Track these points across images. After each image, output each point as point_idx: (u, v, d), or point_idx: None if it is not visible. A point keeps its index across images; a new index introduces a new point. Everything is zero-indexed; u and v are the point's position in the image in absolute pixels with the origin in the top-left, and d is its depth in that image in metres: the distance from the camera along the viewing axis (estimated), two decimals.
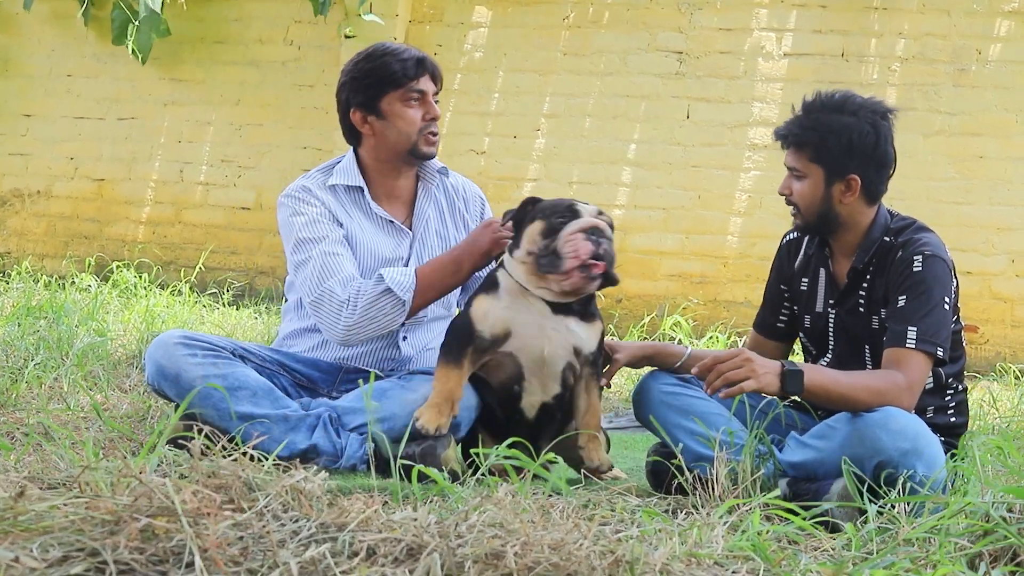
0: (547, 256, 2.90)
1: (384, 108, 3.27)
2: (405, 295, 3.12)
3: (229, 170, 7.93)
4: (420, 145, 3.28)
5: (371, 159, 3.35)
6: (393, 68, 3.25)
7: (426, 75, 3.27)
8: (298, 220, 3.26)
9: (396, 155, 3.30)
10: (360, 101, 3.30)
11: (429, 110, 3.27)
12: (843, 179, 3.03)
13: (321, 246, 3.20)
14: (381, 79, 3.26)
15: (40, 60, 8.27)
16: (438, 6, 7.59)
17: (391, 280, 3.11)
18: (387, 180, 3.36)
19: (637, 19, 7.29)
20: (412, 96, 3.25)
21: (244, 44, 7.89)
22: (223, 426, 3.04)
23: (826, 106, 3.04)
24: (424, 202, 3.38)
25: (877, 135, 3.04)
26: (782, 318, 3.28)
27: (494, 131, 7.52)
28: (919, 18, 6.91)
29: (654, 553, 1.97)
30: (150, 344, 3.20)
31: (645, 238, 7.22)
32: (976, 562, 2.18)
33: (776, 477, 2.90)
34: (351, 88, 3.32)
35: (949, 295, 2.96)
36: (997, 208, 6.79)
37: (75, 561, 1.75)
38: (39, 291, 6.37)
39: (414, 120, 3.26)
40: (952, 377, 3.06)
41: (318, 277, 3.17)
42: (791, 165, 3.07)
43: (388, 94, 3.26)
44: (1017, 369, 6.24)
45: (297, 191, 3.31)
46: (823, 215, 3.05)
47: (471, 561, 1.85)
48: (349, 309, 3.12)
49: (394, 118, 3.27)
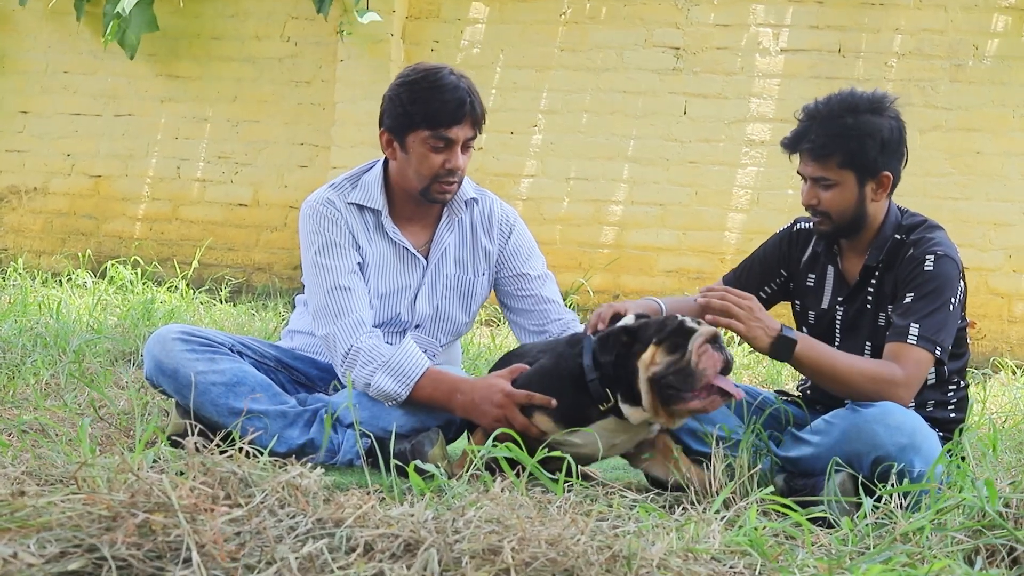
0: (677, 375, 2.69)
1: (409, 143, 3.13)
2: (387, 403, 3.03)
3: (226, 166, 7.92)
4: (432, 192, 3.16)
5: (394, 181, 3.24)
6: (430, 108, 3.07)
7: (463, 122, 3.09)
8: (318, 239, 3.17)
9: (410, 188, 3.19)
10: (389, 126, 3.16)
11: (451, 159, 3.10)
12: (875, 178, 3.00)
13: (335, 278, 3.12)
14: (414, 114, 3.09)
15: (36, 57, 8.26)
16: (435, 2, 7.58)
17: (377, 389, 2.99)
18: (408, 205, 3.25)
19: (634, 15, 7.29)
20: (439, 143, 3.10)
21: (241, 40, 7.88)
22: (221, 421, 3.04)
23: (847, 109, 2.99)
24: (445, 231, 3.28)
25: (901, 129, 3.06)
26: (765, 291, 3.27)
27: (491, 127, 7.51)
28: (916, 14, 6.91)
29: (651, 548, 1.97)
30: (148, 339, 3.20)
31: (642, 234, 7.22)
32: (973, 557, 2.18)
33: (773, 473, 2.91)
34: (386, 108, 3.17)
35: (956, 296, 2.94)
36: (994, 204, 6.80)
37: (73, 557, 1.75)
38: (36, 288, 6.36)
39: (432, 166, 3.11)
40: (955, 373, 3.06)
41: (326, 314, 3.10)
42: (817, 175, 3.00)
43: (416, 131, 3.10)
44: (1014, 364, 6.24)
45: (322, 204, 3.20)
46: (856, 217, 3.02)
47: (468, 556, 1.86)
48: (345, 367, 3.06)
49: (414, 157, 3.13)
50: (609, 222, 7.32)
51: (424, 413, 3.04)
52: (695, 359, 2.69)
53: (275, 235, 7.75)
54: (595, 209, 7.34)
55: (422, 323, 3.27)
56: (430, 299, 3.27)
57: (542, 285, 3.34)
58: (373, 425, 3.00)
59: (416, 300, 3.26)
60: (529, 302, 3.33)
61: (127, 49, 7.67)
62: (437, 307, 3.28)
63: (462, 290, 3.31)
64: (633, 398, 2.76)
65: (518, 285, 3.34)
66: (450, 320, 3.31)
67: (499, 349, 5.53)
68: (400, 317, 3.25)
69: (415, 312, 3.26)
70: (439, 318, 3.29)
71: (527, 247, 3.37)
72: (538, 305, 3.32)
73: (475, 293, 3.33)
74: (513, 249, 3.34)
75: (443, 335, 3.32)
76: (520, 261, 3.35)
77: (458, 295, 3.31)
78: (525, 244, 3.37)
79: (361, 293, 3.15)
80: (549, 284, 3.36)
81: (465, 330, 3.39)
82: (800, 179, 3.09)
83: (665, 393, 2.72)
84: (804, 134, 3.02)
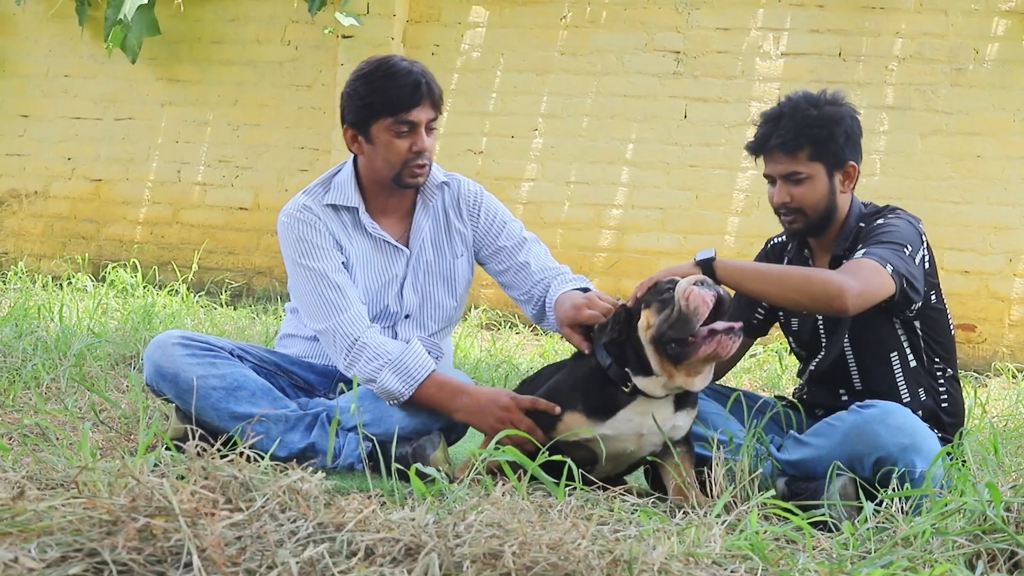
0: (673, 326, 2.73)
1: (373, 133, 3.16)
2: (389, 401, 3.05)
3: (226, 170, 7.92)
4: (404, 176, 3.18)
5: (365, 176, 3.26)
6: (388, 94, 3.11)
7: (423, 104, 3.13)
8: (300, 245, 3.18)
9: (382, 179, 3.21)
10: (352, 121, 3.19)
11: (417, 142, 3.14)
12: (842, 169, 3.07)
13: (324, 276, 3.14)
14: (374, 104, 3.13)
15: (37, 61, 8.26)
16: (435, 6, 7.58)
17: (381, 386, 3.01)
18: (382, 197, 3.27)
19: (634, 19, 7.30)
20: (402, 127, 3.13)
21: (241, 44, 7.89)
22: (222, 426, 3.04)
23: (809, 104, 3.07)
24: (422, 218, 3.30)
25: (859, 122, 3.13)
26: (758, 315, 3.30)
27: (492, 131, 7.52)
28: (916, 18, 6.91)
29: (652, 552, 1.97)
30: (148, 345, 3.20)
31: (643, 238, 7.22)
32: (974, 561, 2.18)
33: (774, 477, 2.91)
34: (345, 104, 3.21)
35: (914, 248, 2.96)
36: (994, 207, 6.80)
37: (73, 561, 1.75)
38: (36, 291, 6.36)
39: (400, 151, 3.14)
40: (939, 359, 3.07)
41: (323, 311, 3.11)
42: (788, 171, 3.05)
43: (379, 121, 3.13)
44: (1014, 368, 6.24)
45: (299, 211, 3.22)
46: (828, 210, 3.08)
47: (469, 561, 1.85)
48: (348, 361, 3.07)
49: (381, 146, 3.16)
50: (609, 226, 7.32)
51: (426, 415, 3.04)
52: (683, 304, 2.72)
53: (275, 239, 7.70)
54: (595, 213, 7.34)
55: (411, 312, 3.29)
56: (415, 287, 3.29)
57: (517, 252, 3.34)
58: (374, 428, 3.01)
59: (403, 290, 3.28)
60: (511, 273, 3.35)
61: (128, 53, 7.67)
62: (423, 294, 3.30)
63: (444, 274, 3.33)
64: (646, 369, 2.80)
65: (498, 259, 3.36)
66: (438, 306, 3.33)
67: (499, 352, 5.53)
68: (389, 309, 3.27)
69: (403, 302, 3.28)
70: (426, 305, 3.31)
71: (498, 221, 3.38)
72: (519, 274, 3.34)
73: (457, 276, 3.35)
74: (485, 227, 3.36)
75: (433, 322, 3.33)
76: (493, 236, 3.36)
77: (442, 280, 3.32)
78: (496, 218, 3.38)
79: (351, 288, 3.16)
80: (525, 248, 3.35)
81: (455, 315, 3.39)
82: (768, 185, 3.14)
83: (670, 351, 2.75)
84: (770, 133, 3.08)
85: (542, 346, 5.95)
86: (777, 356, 5.65)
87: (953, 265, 6.78)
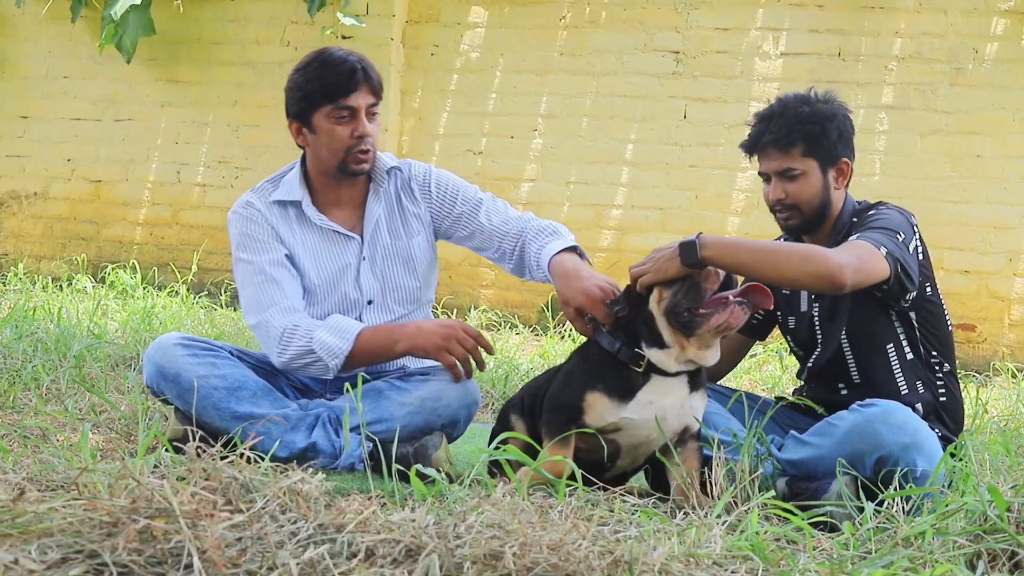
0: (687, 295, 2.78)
1: (315, 122, 3.20)
2: (332, 361, 3.09)
3: (226, 171, 7.92)
4: (349, 163, 3.21)
5: (312, 168, 3.30)
6: (325, 82, 3.16)
7: (361, 89, 3.17)
8: (240, 240, 3.25)
9: (328, 169, 3.25)
10: (295, 113, 3.25)
11: (358, 127, 3.17)
12: (835, 165, 3.11)
13: (261, 270, 3.19)
14: (313, 93, 3.18)
15: (36, 62, 8.26)
16: (435, 6, 7.58)
17: (320, 344, 3.08)
18: (331, 189, 3.30)
19: (634, 19, 7.29)
20: (342, 113, 3.17)
21: (241, 45, 7.88)
22: (223, 426, 3.04)
23: (801, 102, 3.11)
24: (374, 204, 3.32)
25: (851, 120, 3.16)
26: (757, 316, 3.31)
27: (491, 131, 7.52)
28: (916, 17, 6.91)
29: (653, 553, 1.97)
30: (148, 346, 3.20)
31: (642, 238, 7.22)
32: (974, 562, 2.18)
33: (775, 477, 2.91)
34: (288, 98, 3.27)
35: (908, 236, 2.98)
36: (994, 207, 6.79)
37: (74, 563, 1.75)
38: (36, 293, 6.36)
39: (342, 138, 3.18)
40: (936, 352, 3.08)
41: (257, 304, 3.18)
42: (782, 167, 3.09)
43: (319, 109, 3.18)
44: (1014, 368, 6.24)
45: (242, 207, 3.28)
46: (822, 206, 3.10)
47: (470, 562, 1.86)
48: (281, 346, 3.12)
49: (323, 134, 3.20)
50: (609, 226, 7.32)
51: (428, 412, 3.05)
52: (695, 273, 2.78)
53: None
54: (595, 213, 7.34)
55: (373, 298, 3.30)
56: (373, 272, 3.30)
57: (476, 213, 3.34)
58: (376, 428, 3.01)
59: (359, 276, 3.29)
60: (477, 237, 3.34)
61: (123, 53, 7.66)
62: (383, 278, 3.31)
63: (403, 256, 3.33)
64: (660, 342, 2.83)
65: (460, 226, 3.35)
66: (399, 288, 3.33)
67: (500, 353, 5.53)
68: (349, 296, 3.28)
69: (362, 287, 3.29)
70: (388, 288, 3.32)
71: (451, 191, 3.38)
72: (483, 234, 3.33)
73: (415, 256, 3.34)
74: (438, 200, 3.37)
75: (398, 305, 3.33)
76: (449, 206, 3.36)
77: (401, 262, 3.33)
78: (448, 189, 3.38)
79: (290, 283, 3.21)
80: (483, 208, 3.35)
81: (422, 296, 3.38)
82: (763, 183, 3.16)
83: (683, 321, 2.78)
84: (763, 131, 3.12)
85: (542, 346, 5.95)
86: (778, 356, 5.65)
87: (953, 265, 6.78)
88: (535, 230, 3.26)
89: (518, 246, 3.28)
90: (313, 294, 3.25)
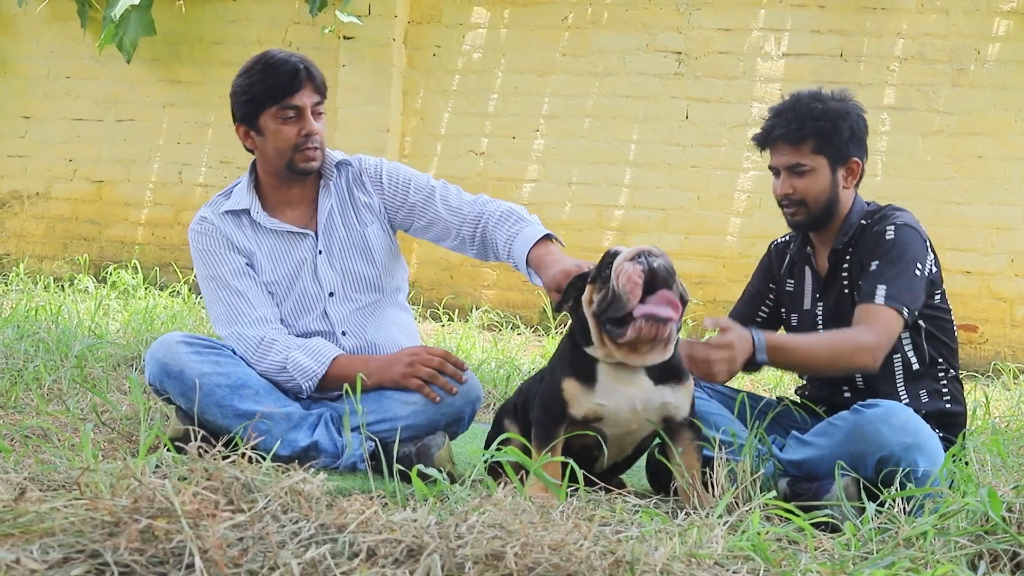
0: (610, 306, 2.70)
1: (262, 124, 3.23)
2: (305, 382, 3.14)
3: (228, 171, 7.92)
4: (297, 162, 3.23)
5: (262, 171, 3.33)
6: (268, 84, 3.19)
7: (304, 88, 3.20)
8: (200, 256, 3.29)
9: (277, 169, 3.27)
10: (241, 116, 3.27)
11: (305, 126, 3.20)
12: (845, 164, 3.11)
13: (224, 283, 3.24)
14: (257, 95, 3.21)
15: (38, 62, 8.27)
16: (437, 7, 7.58)
17: (294, 364, 3.13)
18: (281, 190, 3.33)
19: (636, 19, 7.30)
20: (288, 113, 3.20)
21: (242, 45, 7.89)
22: (225, 424, 3.05)
23: (815, 99, 3.11)
24: (324, 200, 3.34)
25: (865, 119, 3.16)
26: (762, 312, 3.32)
27: (493, 132, 7.52)
28: (918, 18, 6.91)
29: (654, 553, 1.97)
30: (151, 345, 3.21)
31: (644, 238, 7.22)
32: (976, 562, 2.18)
33: (777, 477, 2.91)
34: (233, 103, 3.29)
35: (923, 263, 3.01)
36: (996, 208, 6.79)
37: (75, 563, 1.75)
38: (38, 293, 6.36)
39: (288, 138, 3.21)
40: (942, 359, 3.08)
41: (227, 317, 3.22)
42: (792, 162, 3.09)
43: (265, 111, 3.21)
44: (1016, 368, 6.24)
45: (197, 223, 3.33)
46: (829, 204, 3.11)
47: (471, 562, 1.86)
48: (257, 356, 3.17)
49: (270, 135, 3.23)
50: (611, 226, 7.32)
51: (432, 412, 3.05)
52: (615, 282, 2.69)
53: None
54: (597, 213, 7.34)
55: (334, 290, 3.31)
56: (331, 264, 3.31)
57: (430, 203, 3.34)
58: (378, 428, 3.01)
59: (317, 270, 3.30)
60: (435, 226, 3.34)
61: (123, 53, 7.67)
62: (342, 269, 3.32)
63: (359, 245, 3.34)
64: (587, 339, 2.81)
65: (415, 216, 3.35)
66: (359, 277, 3.34)
67: (501, 353, 5.53)
68: (308, 291, 3.29)
69: (320, 280, 3.30)
70: (348, 278, 3.32)
71: (402, 180, 3.38)
72: (439, 223, 3.33)
73: (372, 244, 3.35)
74: (391, 190, 3.37)
75: (360, 294, 3.33)
76: (402, 196, 3.36)
77: (357, 251, 3.33)
78: (399, 179, 3.39)
79: (256, 293, 3.24)
80: (436, 196, 3.35)
81: (383, 284, 3.37)
82: (772, 177, 3.17)
83: (607, 330, 2.74)
84: (775, 125, 3.12)
85: (544, 347, 5.95)
86: None
87: (955, 266, 6.78)
88: (496, 215, 3.25)
89: (478, 231, 3.27)
90: (275, 294, 3.29)
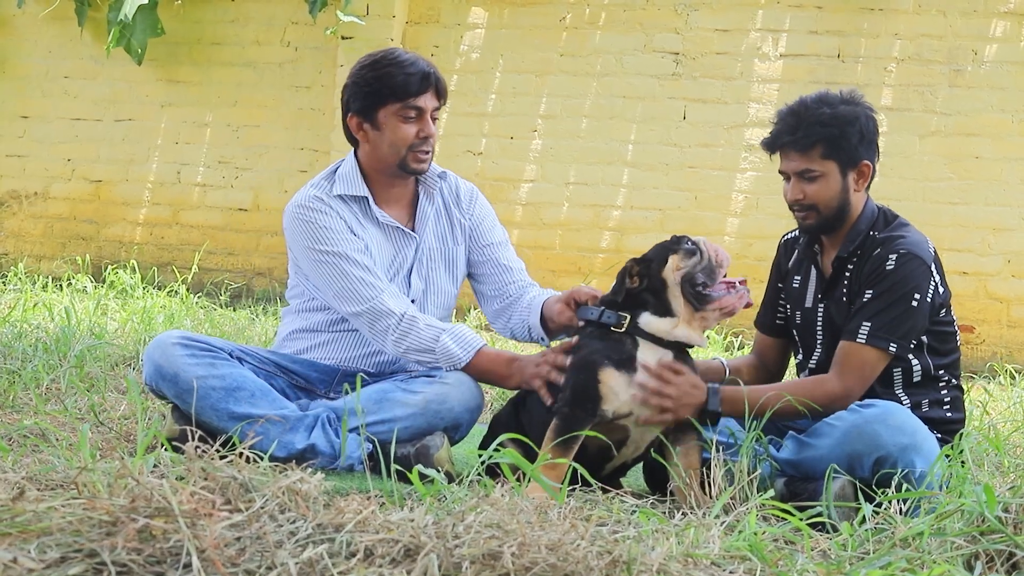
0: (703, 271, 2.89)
1: (380, 119, 3.23)
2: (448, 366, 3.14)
3: (226, 171, 7.92)
4: (409, 161, 3.24)
5: (368, 165, 3.32)
6: (396, 81, 3.19)
7: (429, 92, 3.22)
8: (316, 232, 3.22)
9: (387, 166, 3.28)
10: (358, 108, 3.25)
11: (424, 128, 3.22)
12: (856, 168, 3.07)
13: (350, 259, 3.18)
14: (381, 90, 3.20)
15: (37, 61, 8.26)
16: (435, 7, 7.59)
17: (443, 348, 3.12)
18: (385, 186, 3.33)
19: (633, 20, 7.30)
20: (409, 112, 3.20)
21: (241, 45, 7.89)
22: (221, 426, 3.04)
23: (823, 103, 3.07)
24: (427, 206, 3.37)
25: (875, 121, 3.13)
26: (779, 315, 3.31)
27: (491, 132, 7.52)
28: (915, 19, 6.91)
29: (651, 553, 1.98)
30: (148, 344, 3.20)
31: (642, 239, 7.21)
32: (972, 562, 2.18)
33: (774, 477, 2.91)
34: (351, 92, 3.27)
35: (923, 292, 2.97)
36: (993, 208, 6.80)
37: (73, 562, 1.75)
38: (36, 292, 6.36)
39: (407, 136, 3.21)
40: (944, 370, 3.07)
41: (357, 293, 3.16)
42: (801, 168, 3.05)
43: (386, 106, 3.21)
44: (1013, 369, 6.25)
45: (310, 201, 3.27)
46: (840, 208, 3.08)
47: (468, 562, 1.86)
48: (398, 334, 3.14)
49: (388, 131, 3.22)
50: (608, 227, 7.33)
51: (432, 414, 3.06)
52: (712, 255, 2.89)
53: (275, 239, 7.75)
54: (594, 214, 7.35)
55: (416, 297, 3.32)
56: (420, 273, 3.34)
57: (500, 251, 3.45)
58: (377, 429, 3.02)
59: (411, 275, 3.33)
60: (489, 266, 3.43)
61: (133, 55, 7.68)
62: (427, 280, 3.35)
63: (447, 260, 3.39)
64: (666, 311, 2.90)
65: (484, 254, 3.44)
66: (440, 292, 3.38)
67: None
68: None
69: (410, 288, 3.32)
70: (430, 291, 3.35)
71: (490, 217, 3.48)
72: (496, 269, 3.43)
73: (458, 263, 3.42)
74: (478, 219, 3.44)
75: (435, 308, 3.36)
76: (486, 230, 3.44)
77: (444, 266, 3.38)
78: (488, 215, 3.48)
79: (379, 269, 3.23)
80: (507, 250, 3.47)
81: (452, 304, 3.46)
82: (783, 181, 3.15)
83: (696, 293, 2.87)
84: (784, 130, 3.08)
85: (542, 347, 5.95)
86: None
87: (952, 266, 6.77)
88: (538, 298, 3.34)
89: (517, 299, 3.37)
90: None
